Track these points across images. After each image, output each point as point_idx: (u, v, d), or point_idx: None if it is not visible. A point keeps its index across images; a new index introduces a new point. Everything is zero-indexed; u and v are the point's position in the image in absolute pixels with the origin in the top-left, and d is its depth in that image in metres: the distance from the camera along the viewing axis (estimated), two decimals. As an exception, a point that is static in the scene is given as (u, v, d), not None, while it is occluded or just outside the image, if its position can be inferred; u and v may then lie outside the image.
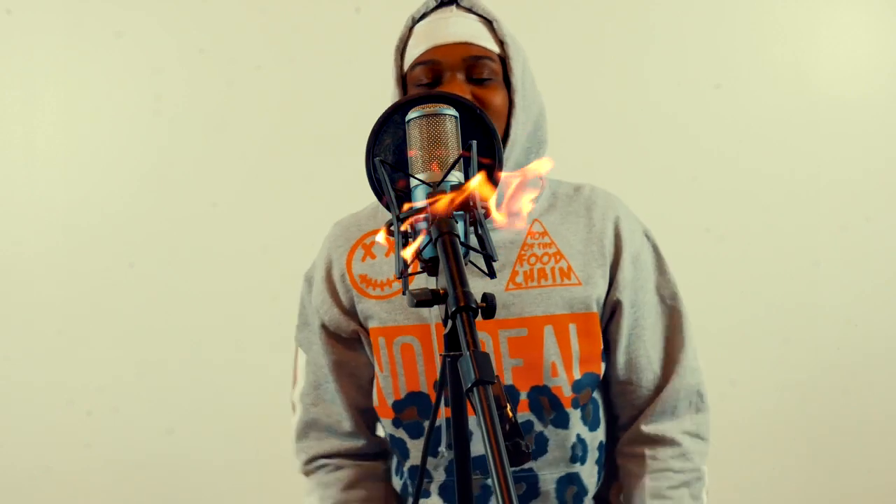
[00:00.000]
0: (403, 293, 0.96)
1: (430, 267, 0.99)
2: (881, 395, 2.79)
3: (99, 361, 2.66)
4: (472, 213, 1.01)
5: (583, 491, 1.41)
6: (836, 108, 2.83)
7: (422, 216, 1.00)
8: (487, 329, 1.37)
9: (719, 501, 2.78)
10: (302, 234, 1.83)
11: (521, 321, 1.36)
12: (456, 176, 1.04)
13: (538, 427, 1.37)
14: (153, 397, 2.66)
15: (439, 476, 1.40)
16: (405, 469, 1.44)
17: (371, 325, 1.43)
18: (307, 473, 1.50)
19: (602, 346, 1.42)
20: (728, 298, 2.77)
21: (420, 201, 1.02)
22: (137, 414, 2.67)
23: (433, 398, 1.39)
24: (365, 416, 1.50)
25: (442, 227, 0.95)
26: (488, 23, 1.42)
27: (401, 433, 1.42)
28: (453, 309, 0.89)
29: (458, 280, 0.91)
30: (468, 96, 1.35)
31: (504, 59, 1.41)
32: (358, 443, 1.49)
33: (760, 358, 2.78)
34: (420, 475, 1.27)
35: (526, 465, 1.36)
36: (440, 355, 1.00)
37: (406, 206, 1.02)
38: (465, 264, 0.95)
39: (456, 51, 1.38)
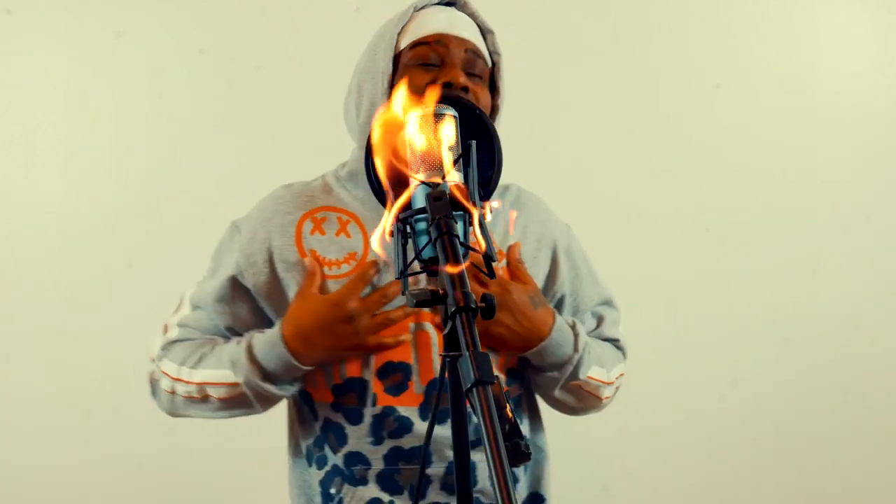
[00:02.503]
0: (403, 293, 0.96)
1: (429, 267, 1.00)
2: (881, 395, 2.79)
3: (99, 361, 2.66)
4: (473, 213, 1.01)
5: (514, 479, 1.43)
6: (835, 108, 2.83)
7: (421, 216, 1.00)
8: (433, 321, 1.40)
9: (719, 501, 2.79)
10: (302, 234, 1.82)
11: None
12: (455, 176, 1.04)
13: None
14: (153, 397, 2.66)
15: (378, 465, 1.40)
16: (339, 455, 1.42)
17: None
18: (159, 358, 1.52)
19: None
20: (728, 298, 2.77)
21: (420, 201, 1.02)
22: (137, 414, 2.66)
23: (375, 386, 1.39)
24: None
25: (441, 228, 0.95)
26: (483, 34, 1.49)
27: (338, 418, 1.42)
28: (453, 309, 0.89)
29: (458, 280, 0.91)
30: (469, 86, 1.40)
31: (493, 69, 1.48)
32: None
33: (760, 358, 2.78)
34: (420, 476, 1.27)
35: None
36: (440, 356, 1.00)
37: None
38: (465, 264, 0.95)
39: (461, 43, 1.44)
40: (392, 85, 1.43)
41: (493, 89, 1.48)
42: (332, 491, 1.43)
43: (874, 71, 2.88)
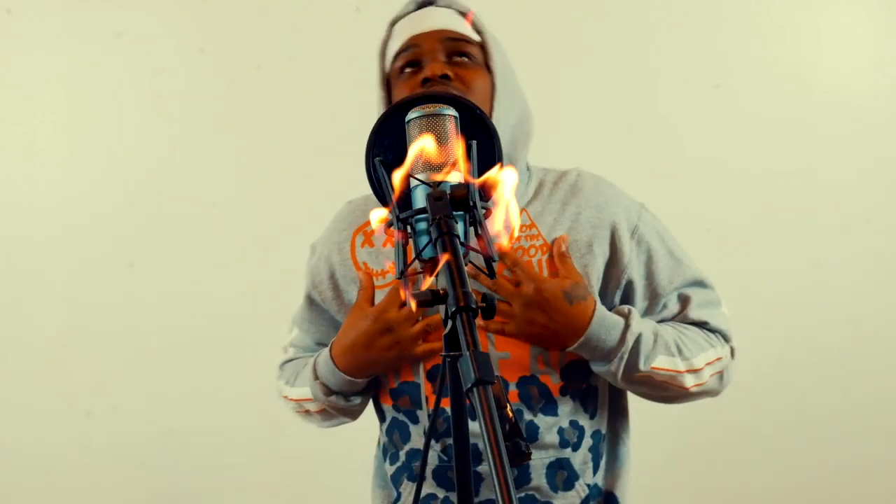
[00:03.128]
0: (403, 293, 0.96)
1: (430, 267, 1.00)
2: (881, 395, 2.79)
3: (99, 361, 2.66)
4: (472, 213, 1.01)
5: (573, 476, 1.41)
6: (835, 108, 2.83)
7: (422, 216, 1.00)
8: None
9: (719, 501, 2.79)
10: (302, 235, 1.83)
11: None
12: (455, 176, 1.04)
13: (528, 416, 1.39)
14: (153, 397, 2.66)
15: (433, 462, 1.42)
16: (402, 452, 1.46)
17: None
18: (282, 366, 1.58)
19: None
20: (728, 299, 2.77)
21: (420, 201, 1.03)
22: (137, 414, 2.67)
23: (426, 388, 1.41)
24: None
25: (442, 228, 0.95)
26: (464, 16, 1.47)
27: (402, 417, 1.45)
28: (453, 309, 0.89)
29: (458, 280, 0.91)
30: (449, 73, 1.39)
31: (483, 47, 1.45)
32: None
33: (760, 358, 2.78)
34: (420, 476, 1.27)
35: None
36: (440, 356, 1.00)
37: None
38: (465, 265, 0.95)
39: (434, 35, 1.43)
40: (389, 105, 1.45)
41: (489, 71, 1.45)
42: (401, 486, 1.47)
43: (874, 71, 2.88)
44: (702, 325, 1.50)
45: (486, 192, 1.03)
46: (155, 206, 2.69)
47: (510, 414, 0.87)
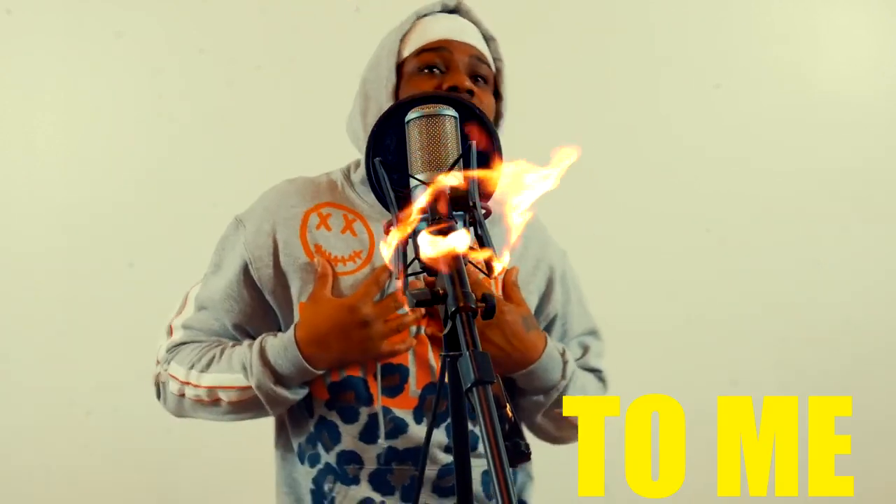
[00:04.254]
0: (403, 293, 0.96)
1: (429, 267, 0.99)
2: (881, 395, 2.79)
3: (99, 361, 2.66)
4: (472, 213, 1.01)
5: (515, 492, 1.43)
6: (835, 108, 2.83)
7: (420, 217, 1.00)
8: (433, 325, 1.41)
9: (719, 501, 2.79)
10: (302, 234, 1.82)
11: None
12: (456, 177, 1.04)
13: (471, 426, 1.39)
14: (153, 397, 2.66)
15: (370, 464, 1.40)
16: (332, 453, 1.41)
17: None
18: (166, 361, 1.53)
19: None
20: (728, 298, 2.77)
21: (420, 201, 1.02)
22: (137, 414, 2.66)
23: (371, 386, 1.39)
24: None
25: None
26: (486, 41, 1.50)
27: (333, 416, 1.41)
28: (453, 309, 0.89)
29: (458, 280, 0.91)
30: (473, 90, 1.41)
31: (496, 75, 1.49)
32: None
33: (760, 358, 2.78)
34: (419, 477, 1.27)
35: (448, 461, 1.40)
36: (441, 355, 1.00)
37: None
38: (465, 264, 0.95)
39: (465, 48, 1.44)
40: (397, 92, 1.43)
41: (497, 96, 1.49)
42: (326, 489, 1.42)
43: (874, 71, 2.88)
44: (596, 372, 1.58)
45: (485, 192, 1.03)
46: (155, 206, 2.68)
47: (510, 414, 0.87)
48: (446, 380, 0.99)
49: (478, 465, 1.37)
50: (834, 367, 2.79)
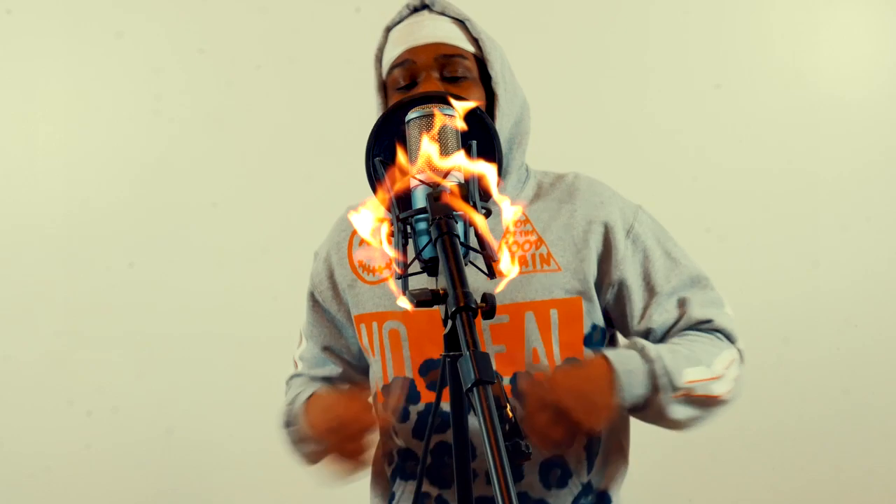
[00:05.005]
0: (404, 293, 0.96)
1: (430, 267, 1.00)
2: (881, 395, 2.79)
3: (99, 361, 2.66)
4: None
5: (566, 474, 1.40)
6: (835, 108, 2.83)
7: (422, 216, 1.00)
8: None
9: (719, 501, 2.79)
10: (302, 235, 1.83)
11: (502, 308, 1.36)
12: (456, 176, 1.04)
13: (521, 412, 1.38)
14: (153, 397, 2.66)
15: (428, 459, 1.42)
16: (393, 452, 1.46)
17: (362, 310, 1.46)
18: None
19: (584, 332, 1.42)
20: (728, 298, 2.77)
21: (420, 201, 1.03)
22: (137, 414, 2.67)
23: (418, 384, 1.41)
24: (361, 369, 1.56)
25: (442, 228, 0.95)
26: (461, 24, 1.45)
27: (389, 416, 1.44)
28: (453, 309, 0.89)
29: (458, 280, 0.91)
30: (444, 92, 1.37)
31: (479, 58, 1.43)
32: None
33: (760, 358, 2.78)
34: (419, 476, 1.27)
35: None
36: (440, 356, 1.00)
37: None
38: (465, 265, 0.95)
39: (428, 50, 1.41)
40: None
41: (486, 77, 1.44)
42: (394, 488, 1.47)
43: (874, 71, 2.88)
44: (705, 322, 1.47)
45: (485, 193, 1.03)
46: (155, 206, 2.68)
47: (510, 414, 0.87)
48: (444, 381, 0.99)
49: (537, 455, 1.37)
50: (834, 367, 2.79)
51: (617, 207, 1.47)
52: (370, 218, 1.01)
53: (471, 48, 1.43)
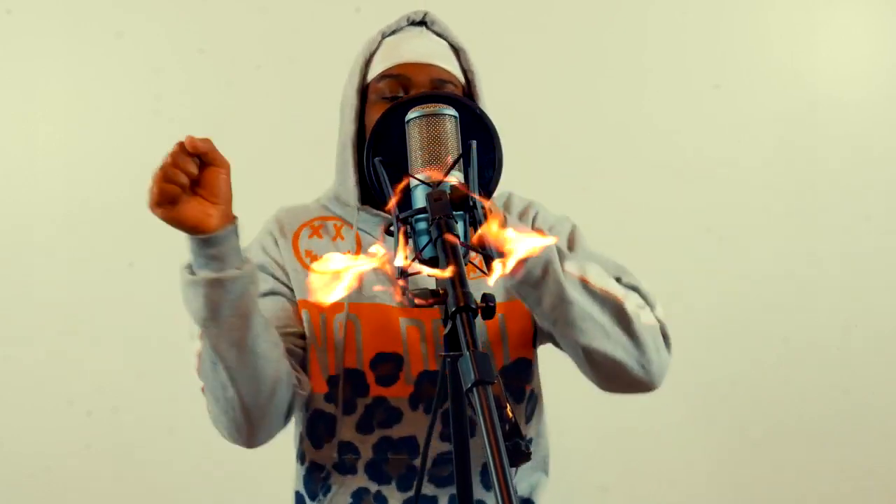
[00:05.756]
0: (403, 293, 0.96)
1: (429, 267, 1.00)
2: (881, 395, 2.79)
3: (99, 361, 2.66)
4: (472, 213, 1.01)
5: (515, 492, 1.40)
6: (835, 108, 2.83)
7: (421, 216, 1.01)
8: (422, 318, 1.39)
9: (719, 501, 2.79)
10: (302, 234, 1.83)
11: None
12: (455, 176, 1.04)
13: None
14: (153, 397, 2.66)
15: (367, 454, 1.41)
16: (330, 445, 1.43)
17: (307, 297, 1.44)
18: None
19: (532, 333, 1.44)
20: (728, 298, 2.77)
21: (420, 201, 1.03)
22: (137, 414, 2.67)
23: (368, 377, 1.40)
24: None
25: (442, 228, 0.95)
26: (455, 52, 1.47)
27: (331, 408, 1.43)
28: (453, 309, 0.89)
29: (458, 280, 0.91)
30: None
31: (466, 89, 1.46)
32: None
33: (760, 358, 2.78)
34: (420, 476, 1.27)
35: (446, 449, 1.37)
36: (439, 355, 1.00)
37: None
38: (465, 264, 0.95)
39: (424, 70, 1.42)
40: (361, 118, 1.45)
41: None
42: (330, 481, 1.44)
43: (873, 71, 2.88)
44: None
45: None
46: (155, 206, 2.68)
47: (510, 414, 0.87)
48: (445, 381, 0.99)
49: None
50: (834, 367, 2.79)
51: (542, 213, 1.51)
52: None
53: (461, 78, 1.46)
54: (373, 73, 1.46)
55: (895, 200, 2.85)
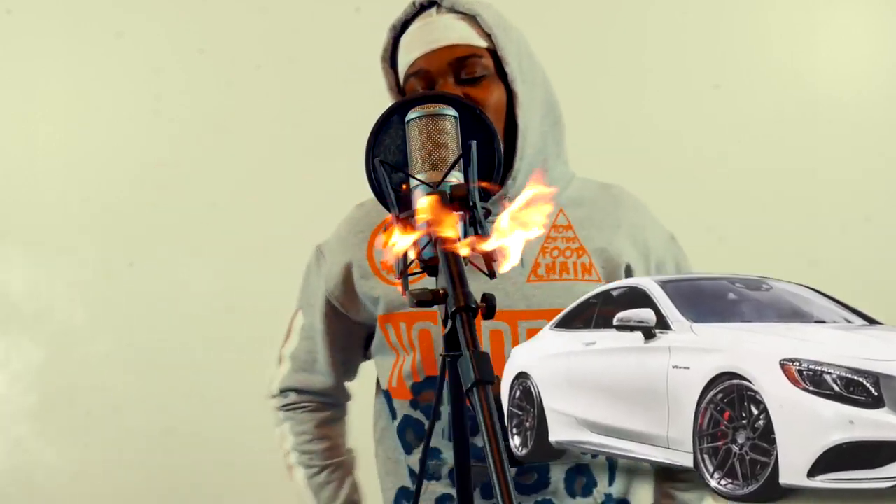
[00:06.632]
0: (404, 293, 0.96)
1: (429, 267, 1.00)
2: (881, 394, 2.79)
3: (99, 361, 2.66)
4: (472, 213, 1.01)
5: (592, 482, 1.41)
6: (834, 108, 2.83)
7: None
8: (507, 319, 1.37)
9: (720, 501, 2.79)
10: (302, 235, 1.83)
11: (542, 313, 1.37)
12: (455, 176, 1.04)
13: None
14: (153, 397, 2.66)
15: (451, 460, 1.39)
16: (419, 450, 1.46)
17: (390, 310, 1.44)
18: (280, 407, 1.58)
19: None
20: (728, 298, 2.77)
21: (420, 202, 1.03)
22: (137, 414, 2.67)
23: None
24: (343, 384, 1.59)
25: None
26: (472, 19, 1.42)
27: (418, 415, 1.45)
28: (453, 309, 0.89)
29: (458, 280, 0.91)
30: (460, 97, 1.35)
31: (494, 52, 1.41)
32: (332, 399, 1.59)
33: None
34: (419, 476, 1.27)
35: None
36: (440, 355, 1.00)
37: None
38: (465, 264, 0.95)
39: (441, 56, 1.39)
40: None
41: (504, 75, 1.41)
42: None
43: (873, 70, 2.88)
44: None
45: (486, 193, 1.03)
46: (155, 206, 2.68)
47: (510, 414, 0.87)
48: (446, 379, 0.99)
49: (563, 463, 1.38)
50: (834, 366, 2.79)
51: (654, 235, 1.50)
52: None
53: (484, 43, 1.41)
54: (402, 71, 1.44)
55: (895, 200, 2.84)
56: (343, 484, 1.54)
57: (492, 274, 1.02)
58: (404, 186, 1.06)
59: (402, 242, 0.98)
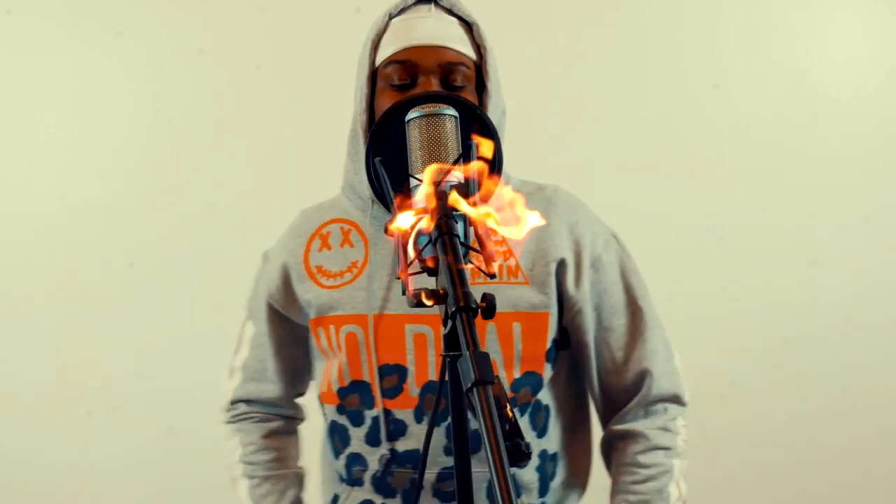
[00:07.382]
0: (403, 293, 0.96)
1: (429, 267, 0.99)
2: (881, 394, 2.79)
3: (99, 361, 2.66)
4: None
5: (516, 493, 1.37)
6: (834, 108, 2.83)
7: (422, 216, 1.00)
8: (430, 322, 1.36)
9: (720, 501, 2.79)
10: (302, 234, 1.83)
11: None
12: (456, 176, 1.04)
13: (473, 424, 1.36)
14: (153, 397, 2.66)
15: (373, 466, 1.40)
16: (343, 456, 1.43)
17: (321, 313, 1.43)
18: (230, 420, 1.56)
19: (546, 347, 1.39)
20: (728, 298, 2.77)
21: (420, 201, 1.02)
22: (137, 414, 2.67)
23: (374, 388, 1.38)
24: (293, 395, 1.58)
25: (442, 228, 0.95)
26: (467, 26, 1.40)
27: (343, 420, 1.42)
28: (453, 309, 0.89)
29: (458, 280, 0.91)
30: None
31: (479, 66, 1.39)
32: (281, 410, 1.57)
33: (760, 358, 2.78)
34: (419, 477, 1.27)
35: None
36: (440, 355, 1.00)
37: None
38: (465, 264, 0.95)
39: (432, 54, 1.36)
40: (371, 104, 1.39)
41: (482, 88, 1.39)
42: (338, 490, 1.45)
43: (872, 71, 2.88)
44: (662, 400, 1.45)
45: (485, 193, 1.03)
46: (155, 206, 2.69)
47: (510, 414, 0.87)
48: (446, 378, 0.99)
49: (486, 472, 1.33)
50: (834, 367, 2.79)
51: (590, 231, 1.43)
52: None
53: (472, 54, 1.39)
54: (380, 57, 1.39)
55: (895, 200, 2.85)
56: (284, 496, 1.48)
57: (491, 274, 1.02)
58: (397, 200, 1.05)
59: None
